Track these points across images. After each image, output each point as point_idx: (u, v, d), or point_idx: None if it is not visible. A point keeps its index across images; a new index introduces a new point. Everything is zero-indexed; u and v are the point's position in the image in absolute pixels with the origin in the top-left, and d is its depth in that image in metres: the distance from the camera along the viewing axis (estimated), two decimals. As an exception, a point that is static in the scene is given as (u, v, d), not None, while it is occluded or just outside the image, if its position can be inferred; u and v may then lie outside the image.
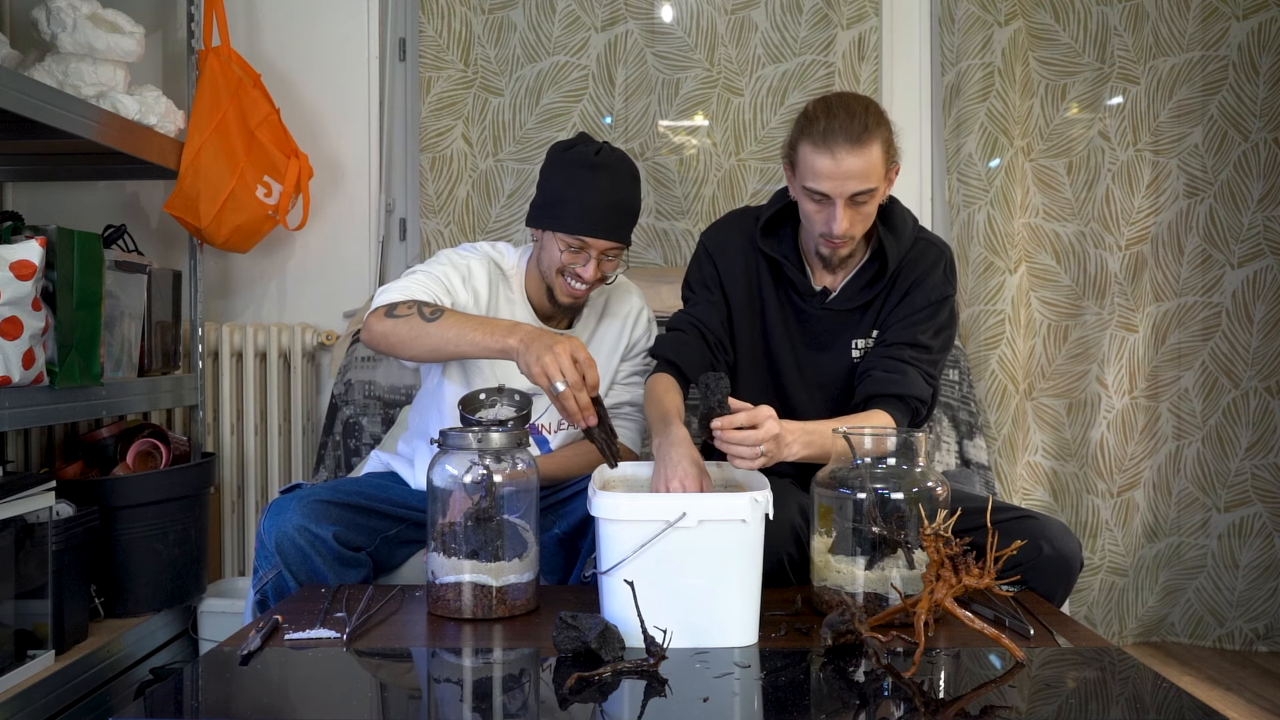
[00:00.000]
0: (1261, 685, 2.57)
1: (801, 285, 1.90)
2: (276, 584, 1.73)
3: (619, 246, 1.91)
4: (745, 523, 1.41)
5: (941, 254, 1.89)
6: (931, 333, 1.86)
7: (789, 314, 1.93)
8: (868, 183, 1.71)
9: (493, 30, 2.82)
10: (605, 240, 1.87)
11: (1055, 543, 1.69)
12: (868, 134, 1.69)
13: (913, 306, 1.86)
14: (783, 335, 1.93)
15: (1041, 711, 1.22)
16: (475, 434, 1.56)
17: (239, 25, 2.79)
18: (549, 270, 1.91)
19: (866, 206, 1.75)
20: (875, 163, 1.71)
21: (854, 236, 1.79)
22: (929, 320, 1.86)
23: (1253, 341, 2.86)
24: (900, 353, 1.83)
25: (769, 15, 2.83)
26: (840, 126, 1.69)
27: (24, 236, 1.96)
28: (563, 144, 1.93)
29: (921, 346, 1.84)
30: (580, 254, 1.88)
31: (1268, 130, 2.83)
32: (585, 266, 1.88)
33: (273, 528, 1.72)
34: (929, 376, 1.84)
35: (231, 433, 2.78)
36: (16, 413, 1.93)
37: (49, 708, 1.93)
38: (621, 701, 1.24)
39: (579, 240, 1.86)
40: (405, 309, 1.75)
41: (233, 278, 2.88)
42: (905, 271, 1.87)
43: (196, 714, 1.21)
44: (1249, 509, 2.87)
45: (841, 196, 1.71)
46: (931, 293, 1.86)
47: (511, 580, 1.54)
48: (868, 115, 1.71)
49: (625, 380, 2.07)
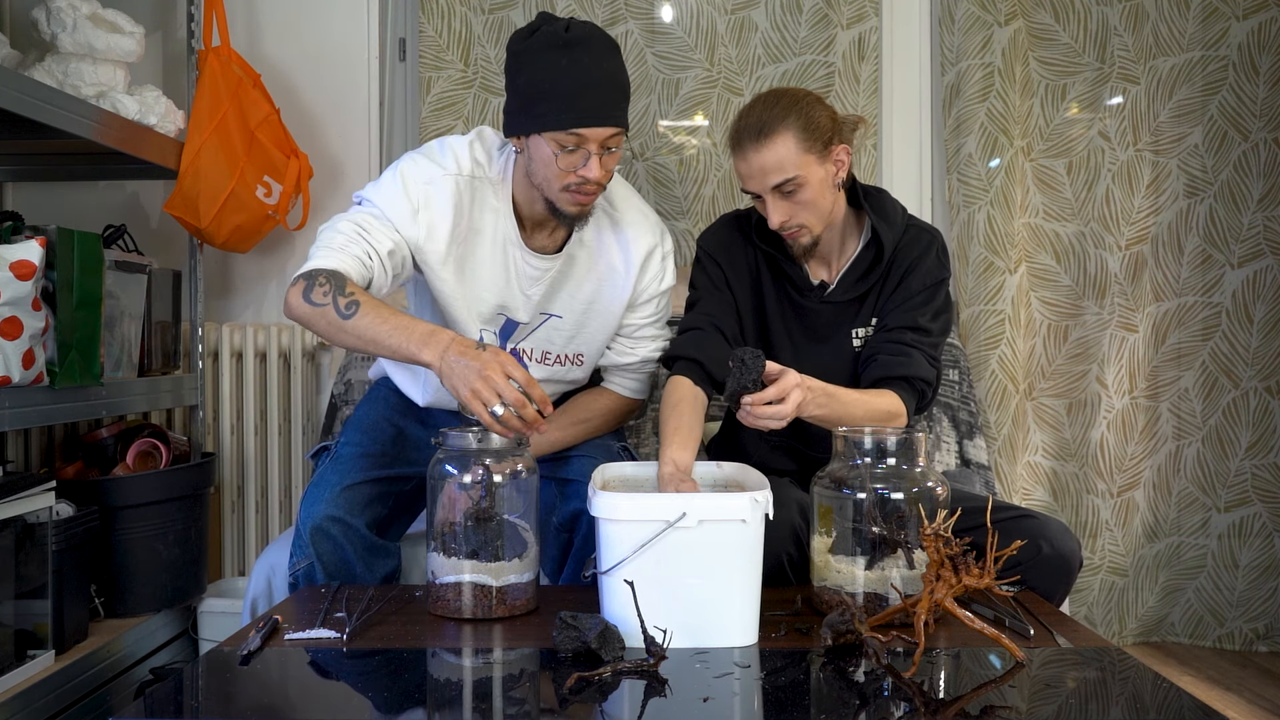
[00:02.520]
0: (1261, 685, 2.57)
1: (799, 280, 1.91)
2: (308, 574, 1.73)
3: (620, 132, 1.68)
4: (745, 523, 1.41)
5: (933, 238, 1.91)
6: (930, 315, 1.88)
7: (787, 309, 1.94)
8: (784, 173, 1.73)
9: (493, 30, 2.82)
10: (604, 127, 1.64)
11: (1054, 542, 1.69)
12: (769, 126, 1.73)
13: (909, 291, 1.87)
14: (782, 330, 1.94)
15: (1041, 711, 1.22)
16: (475, 434, 1.56)
17: (239, 25, 2.79)
18: (548, 183, 1.68)
19: (800, 194, 1.76)
20: (787, 152, 1.73)
21: (803, 225, 1.80)
22: (927, 304, 1.87)
23: (1253, 341, 2.86)
24: (902, 336, 1.85)
25: (769, 15, 2.83)
26: (745, 126, 1.75)
27: (24, 236, 1.95)
28: (523, 30, 1.68)
29: (922, 330, 1.86)
30: (578, 152, 1.64)
31: (1268, 130, 2.83)
32: (588, 165, 1.65)
33: (307, 518, 1.73)
34: (931, 359, 1.86)
35: (231, 433, 2.78)
36: (16, 413, 1.93)
37: (49, 708, 1.93)
38: (621, 701, 1.24)
39: (574, 135, 1.63)
40: (321, 294, 1.56)
41: (233, 278, 2.88)
42: (899, 258, 1.89)
43: (196, 714, 1.21)
44: (1249, 509, 2.87)
45: (765, 191, 1.76)
46: (926, 276, 1.88)
47: (511, 580, 1.54)
48: (775, 108, 1.74)
49: (638, 335, 1.93)
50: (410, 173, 1.72)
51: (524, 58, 1.66)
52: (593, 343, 1.92)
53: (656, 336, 1.97)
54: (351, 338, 1.56)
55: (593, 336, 1.92)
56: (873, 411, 1.76)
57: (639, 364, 1.96)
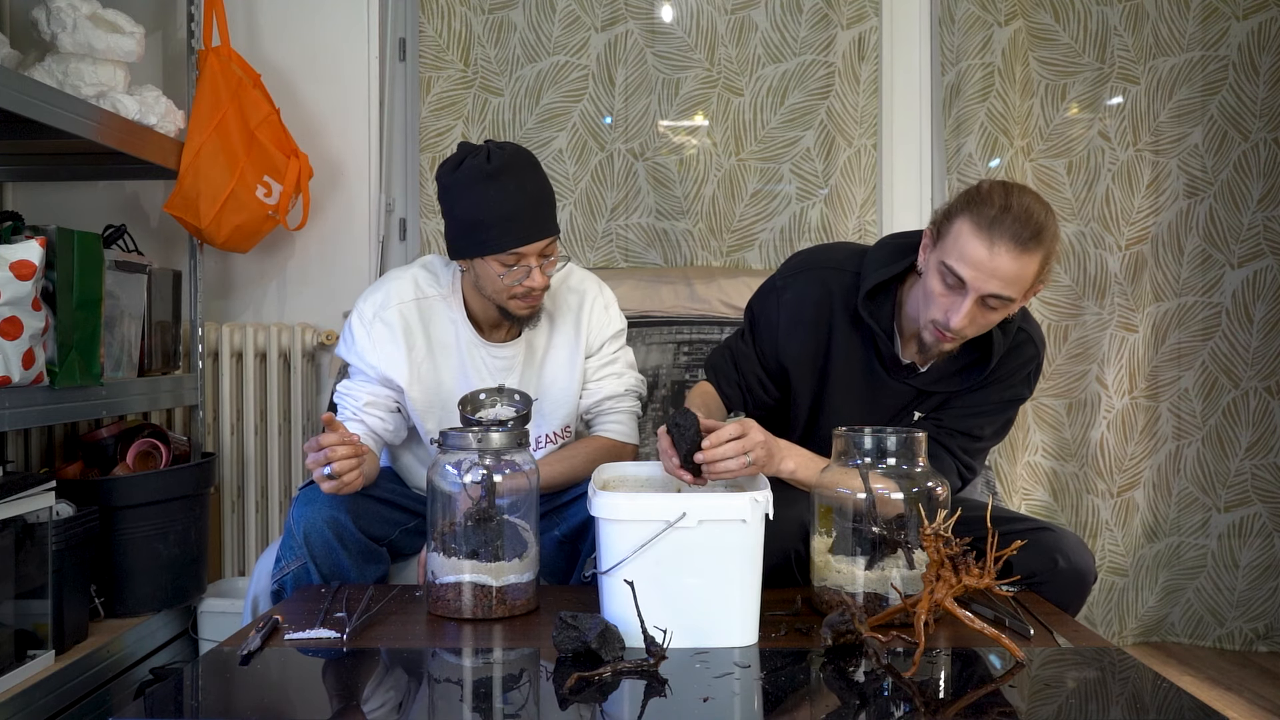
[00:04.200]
0: (1261, 685, 2.57)
1: (889, 357, 1.77)
2: (299, 575, 1.73)
3: (553, 240, 1.81)
4: (745, 523, 1.41)
5: (1036, 354, 1.79)
6: (993, 429, 1.80)
7: (858, 379, 1.81)
8: (1009, 289, 1.56)
9: (493, 30, 2.82)
10: (539, 241, 1.78)
11: (1071, 556, 1.68)
12: (1035, 241, 1.54)
13: (986, 400, 1.77)
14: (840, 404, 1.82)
15: (1041, 711, 1.22)
16: (475, 434, 1.56)
17: (239, 25, 2.79)
18: (497, 295, 1.81)
19: (995, 314, 1.60)
20: (1028, 275, 1.56)
21: (965, 337, 1.65)
22: (996, 415, 1.78)
23: (1253, 341, 2.86)
24: (948, 438, 1.76)
25: (769, 15, 2.83)
26: (1013, 220, 1.53)
27: (24, 236, 1.95)
28: (449, 163, 1.80)
29: (975, 437, 1.77)
30: (519, 266, 1.78)
31: (1268, 130, 2.83)
32: (530, 275, 1.78)
33: (302, 517, 1.73)
34: (966, 468, 1.79)
35: (231, 433, 2.78)
36: (16, 413, 1.93)
37: (49, 708, 1.93)
38: (621, 701, 1.24)
39: (513, 254, 1.77)
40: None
41: (233, 278, 2.88)
42: (998, 366, 1.75)
43: (196, 714, 1.21)
44: (1249, 509, 2.87)
45: (978, 292, 1.56)
46: (1008, 391, 1.78)
47: (511, 580, 1.54)
48: (1045, 222, 1.55)
49: (598, 377, 1.97)
50: (361, 313, 1.87)
51: (454, 191, 1.79)
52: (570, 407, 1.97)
53: (621, 374, 1.99)
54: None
55: (569, 401, 1.96)
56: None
57: (606, 401, 1.97)
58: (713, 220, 2.85)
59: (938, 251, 1.61)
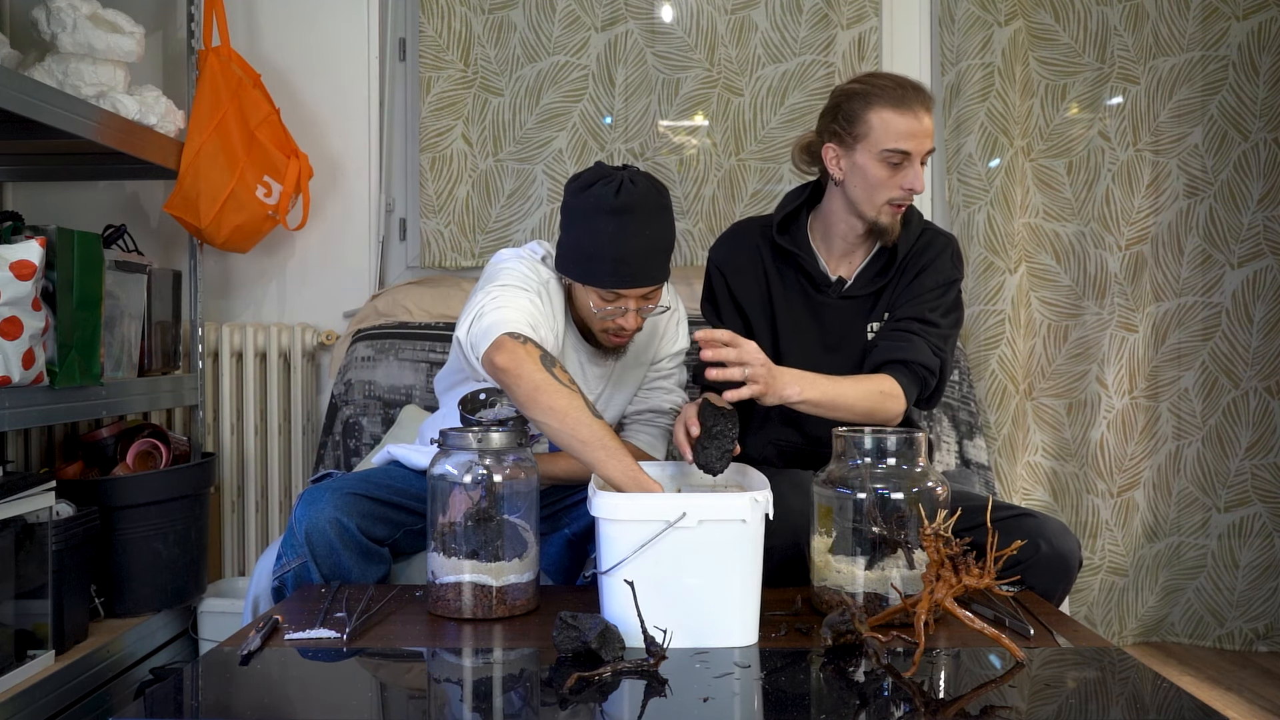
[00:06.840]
0: (1261, 685, 2.57)
1: (819, 276, 1.96)
2: (299, 574, 1.73)
3: (659, 287, 1.81)
4: (745, 523, 1.41)
5: (949, 242, 1.98)
6: (940, 311, 1.91)
7: (801, 313, 1.98)
8: (932, 143, 1.86)
9: (493, 30, 2.82)
10: (642, 288, 1.76)
11: (1053, 541, 1.69)
12: (929, 94, 1.87)
13: (922, 288, 1.92)
14: (792, 330, 1.97)
15: (1041, 711, 1.22)
16: (475, 434, 1.56)
17: (239, 25, 2.79)
18: (590, 319, 1.81)
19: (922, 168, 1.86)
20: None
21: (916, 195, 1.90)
22: (937, 299, 1.92)
23: (1253, 341, 2.86)
24: (907, 325, 1.90)
25: (769, 15, 2.83)
26: (913, 89, 1.84)
27: (24, 236, 1.95)
28: (581, 180, 1.76)
29: (929, 322, 1.90)
30: (617, 304, 1.76)
31: (1268, 130, 2.83)
32: (625, 316, 1.77)
33: (304, 517, 1.73)
34: (936, 349, 1.88)
35: (231, 433, 2.78)
36: (16, 413, 1.93)
37: (49, 708, 1.93)
38: (621, 701, 1.24)
39: (614, 293, 1.75)
40: (567, 376, 1.61)
41: (233, 278, 2.88)
42: (914, 258, 1.94)
43: (196, 714, 1.21)
44: (1249, 509, 2.87)
45: (920, 154, 1.84)
46: (939, 275, 1.93)
47: (511, 580, 1.54)
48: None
49: (650, 387, 1.99)
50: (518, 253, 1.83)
51: (575, 214, 1.76)
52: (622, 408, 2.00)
53: (670, 391, 1.99)
54: (555, 422, 1.57)
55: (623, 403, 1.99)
56: (865, 391, 1.77)
57: (648, 413, 1.98)
58: (713, 220, 2.85)
59: (865, 148, 1.84)
